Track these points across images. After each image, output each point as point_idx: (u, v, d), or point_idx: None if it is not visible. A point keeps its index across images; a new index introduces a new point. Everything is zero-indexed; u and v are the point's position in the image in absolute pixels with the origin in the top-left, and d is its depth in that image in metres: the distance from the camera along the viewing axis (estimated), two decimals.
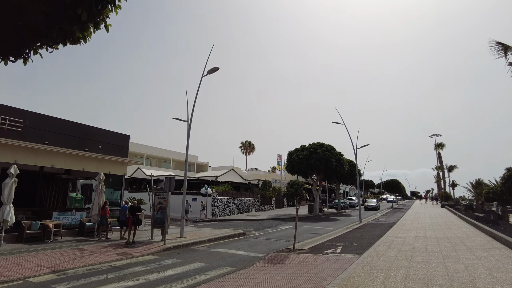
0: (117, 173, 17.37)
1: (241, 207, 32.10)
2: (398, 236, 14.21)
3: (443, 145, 55.90)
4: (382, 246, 11.21)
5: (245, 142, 79.82)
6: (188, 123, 15.78)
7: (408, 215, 29.57)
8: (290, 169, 33.04)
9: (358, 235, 15.74)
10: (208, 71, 15.50)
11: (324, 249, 11.40)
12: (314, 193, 33.89)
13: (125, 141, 18.42)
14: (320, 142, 32.59)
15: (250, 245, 13.55)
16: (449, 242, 11.57)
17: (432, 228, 17.27)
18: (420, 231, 16.02)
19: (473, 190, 41.19)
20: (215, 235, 15.55)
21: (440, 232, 15.15)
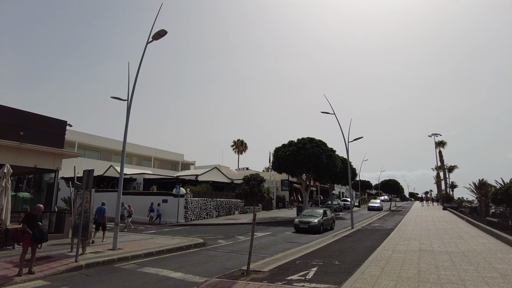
0: (47, 167, 13.93)
1: (222, 209, 28.65)
2: (396, 249, 10.82)
3: (445, 143, 52.56)
4: (374, 268, 7.81)
5: (237, 140, 76.40)
6: (128, 102, 12.38)
7: (408, 218, 26.21)
8: (276, 167, 29.60)
9: (345, 246, 12.34)
10: (153, 36, 12.11)
11: (292, 271, 8.00)
12: (303, 194, 30.51)
13: (59, 128, 15.03)
14: (309, 137, 29.19)
15: (200, 262, 10.14)
16: (468, 263, 8.18)
17: (439, 237, 13.89)
18: (424, 241, 12.64)
19: (476, 191, 37.96)
20: (163, 246, 12.13)
21: (451, 243, 11.76)
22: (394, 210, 44.21)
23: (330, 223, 20.27)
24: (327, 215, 19.86)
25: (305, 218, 18.83)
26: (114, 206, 26.50)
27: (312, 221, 18.12)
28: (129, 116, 12.32)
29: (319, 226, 18.08)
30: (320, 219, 18.51)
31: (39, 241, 7.86)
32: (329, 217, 20.23)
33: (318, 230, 17.91)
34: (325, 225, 19.01)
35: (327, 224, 19.53)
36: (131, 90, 12.40)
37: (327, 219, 19.58)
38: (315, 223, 18.06)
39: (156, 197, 25.17)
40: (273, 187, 42.00)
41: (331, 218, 20.67)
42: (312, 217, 18.98)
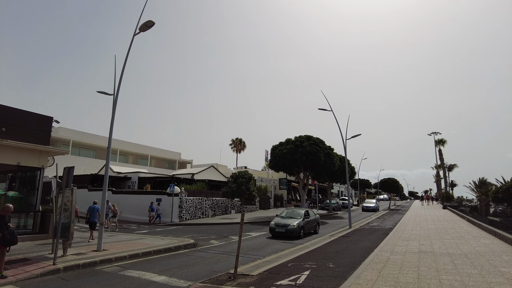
0: (31, 165, 13.38)
1: (217, 208, 28.10)
2: (395, 250, 10.29)
3: (445, 141, 51.94)
4: (370, 272, 7.27)
5: (235, 139, 75.75)
6: (114, 97, 11.81)
7: (407, 218, 25.69)
8: (273, 165, 29.10)
9: (341, 247, 11.80)
10: (141, 27, 11.54)
11: (282, 275, 7.46)
12: (300, 193, 29.99)
13: (45, 124, 14.41)
14: (307, 135, 28.66)
15: (187, 264, 9.60)
16: (472, 266, 7.65)
17: (440, 237, 13.36)
18: (424, 241, 12.11)
19: (476, 190, 37.43)
20: (151, 247, 11.59)
21: (452, 244, 11.23)
22: (393, 209, 43.73)
23: (313, 226, 17.31)
24: (309, 217, 16.97)
25: (283, 220, 15.84)
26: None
27: (291, 224, 15.19)
28: (115, 111, 11.76)
29: (299, 230, 15.18)
30: (301, 222, 15.65)
31: (8, 243, 7.29)
32: (312, 219, 17.20)
33: (298, 234, 15.07)
34: (306, 228, 16.16)
35: (309, 227, 16.69)
36: (117, 84, 11.83)
37: (309, 222, 16.71)
38: (294, 226, 15.15)
39: (150, 196, 24.62)
40: (271, 186, 41.48)
41: (315, 220, 17.58)
42: (291, 219, 16.04)
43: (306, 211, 17.17)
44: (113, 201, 26.26)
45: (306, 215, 16.75)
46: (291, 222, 15.46)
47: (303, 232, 15.68)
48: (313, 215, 17.74)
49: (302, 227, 15.56)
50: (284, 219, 16.30)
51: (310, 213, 17.53)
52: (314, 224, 17.39)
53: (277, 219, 16.56)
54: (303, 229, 15.69)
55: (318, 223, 18.10)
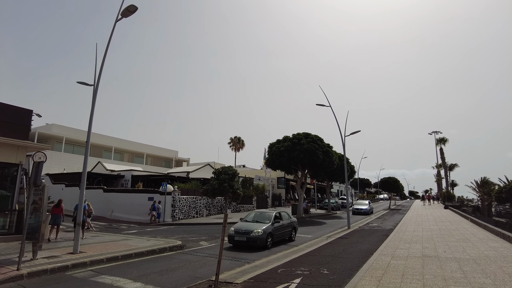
0: (7, 161, 12.50)
1: (213, 207, 27.26)
2: (396, 254, 9.44)
3: (446, 140, 50.96)
4: (368, 281, 6.43)
5: (234, 138, 74.77)
6: (94, 87, 10.95)
7: (408, 218, 24.84)
8: (270, 163, 28.22)
9: (338, 250, 10.95)
10: (122, 12, 10.69)
11: (270, 283, 6.63)
12: (298, 192, 29.16)
13: (24, 118, 13.55)
14: (305, 132, 27.77)
15: (169, 268, 8.77)
16: (483, 274, 6.80)
17: (443, 239, 12.51)
18: (427, 244, 11.26)
19: (478, 189, 36.54)
20: (133, 249, 10.76)
21: (458, 247, 10.38)
22: (394, 208, 42.87)
23: (287, 232, 13.89)
24: (281, 221, 13.53)
25: (246, 226, 12.41)
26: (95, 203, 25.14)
27: (255, 230, 11.77)
28: (95, 102, 10.88)
29: (265, 238, 11.76)
30: (268, 227, 12.25)
31: None
32: (286, 223, 13.88)
33: (263, 244, 11.73)
34: (277, 235, 12.79)
35: (281, 233, 13.25)
36: (98, 74, 10.97)
37: (281, 227, 13.28)
38: (258, 233, 11.75)
39: (141, 195, 23.80)
40: (268, 185, 40.64)
41: (289, 225, 14.20)
42: (257, 223, 12.67)
43: (277, 214, 13.67)
44: (104, 200, 25.52)
45: (277, 219, 13.35)
46: (256, 228, 11.96)
47: (271, 240, 12.28)
48: (287, 219, 14.43)
49: (269, 234, 12.13)
50: (248, 223, 12.79)
51: (283, 216, 14.20)
52: (288, 230, 14.00)
53: (239, 224, 12.99)
54: (271, 237, 12.30)
55: (294, 228, 14.63)
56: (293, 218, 15.31)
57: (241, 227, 12.36)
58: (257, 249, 11.59)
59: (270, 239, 12.19)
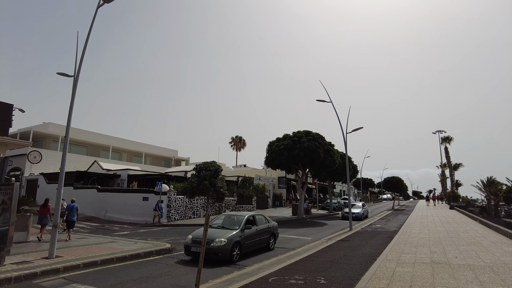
0: None
1: (211, 208, 26.43)
2: (401, 260, 8.54)
3: (451, 139, 49.73)
4: None
5: (235, 137, 74.16)
6: (74, 78, 10.15)
7: (413, 219, 23.88)
8: (269, 162, 27.34)
9: (338, 255, 10.06)
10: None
11: None
12: (298, 192, 28.28)
13: (4, 112, 12.78)
14: (306, 130, 26.88)
15: (150, 275, 7.95)
16: (503, 285, 5.90)
17: (452, 242, 11.59)
18: (435, 248, 10.35)
19: (484, 189, 35.44)
20: (116, 253, 9.94)
21: (470, 252, 9.46)
22: (398, 209, 41.83)
23: (263, 239, 11.36)
24: (254, 226, 10.93)
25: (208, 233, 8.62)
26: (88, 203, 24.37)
27: (216, 239, 9.38)
28: (75, 93, 10.07)
29: (230, 248, 9.29)
30: (235, 235, 9.79)
31: None
32: (261, 229, 11.30)
33: (228, 256, 9.23)
34: (247, 245, 10.34)
35: (254, 242, 10.78)
36: (78, 64, 10.16)
37: (254, 234, 10.78)
38: (221, 243, 9.28)
39: (136, 195, 23.01)
40: (269, 185, 39.79)
41: (267, 231, 11.63)
42: (222, 230, 10.30)
43: (250, 218, 11.15)
44: (98, 200, 24.78)
45: (250, 223, 10.86)
46: (219, 237, 9.49)
47: (240, 251, 9.78)
48: (264, 223, 11.80)
49: (236, 243, 9.66)
50: (211, 230, 9.97)
51: (259, 220, 11.61)
52: (264, 237, 11.45)
53: (201, 230, 10.17)
54: (240, 247, 9.83)
55: (273, 235, 12.06)
56: (272, 223, 12.52)
57: (201, 235, 9.33)
58: (220, 262, 9.20)
59: (237, 249, 9.65)
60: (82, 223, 21.05)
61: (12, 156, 34.89)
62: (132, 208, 22.40)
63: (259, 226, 11.31)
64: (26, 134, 34.32)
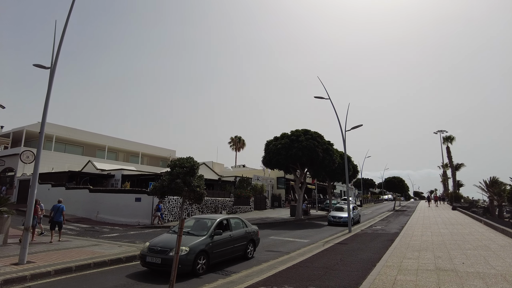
0: None
1: (206, 209, 25.74)
2: (403, 266, 7.80)
3: (453, 138, 48.87)
4: None
5: (234, 137, 73.50)
6: (50, 70, 9.44)
7: (414, 220, 23.12)
8: (267, 162, 26.62)
9: (335, 260, 9.31)
10: None
11: None
12: (297, 192, 27.53)
13: None
14: (304, 129, 26.15)
15: (126, 284, 7.25)
16: None
17: (458, 246, 10.83)
18: (439, 252, 9.60)
19: (487, 190, 34.61)
20: (96, 258, 9.22)
21: (478, 258, 8.70)
22: (399, 210, 41.03)
23: (238, 247, 9.62)
24: (227, 232, 9.37)
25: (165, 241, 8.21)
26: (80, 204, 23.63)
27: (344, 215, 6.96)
28: (52, 86, 9.37)
29: (192, 259, 7.73)
30: (200, 243, 8.15)
31: None
32: (236, 235, 9.62)
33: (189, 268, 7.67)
34: (217, 254, 8.66)
35: (226, 250, 9.06)
36: (56, 54, 9.46)
37: (227, 241, 9.12)
38: (182, 253, 7.52)
39: (129, 195, 22.29)
40: (267, 185, 39.07)
41: (243, 237, 9.91)
42: (187, 236, 8.47)
43: (223, 221, 9.58)
44: (90, 200, 24.06)
45: (221, 228, 9.29)
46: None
47: (207, 262, 8.16)
48: (241, 228, 10.12)
49: (201, 253, 8.01)
50: (173, 236, 8.18)
51: (234, 225, 9.92)
52: (240, 244, 9.73)
53: (161, 236, 8.88)
54: (207, 257, 8.20)
55: (252, 242, 10.36)
56: (252, 227, 10.74)
57: (159, 243, 8.13)
58: (180, 276, 7.44)
59: (203, 260, 8.02)
60: (72, 224, 20.37)
61: (4, 156, 34.29)
62: (124, 209, 21.69)
63: (234, 232, 9.67)
64: (19, 134, 33.66)
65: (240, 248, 9.77)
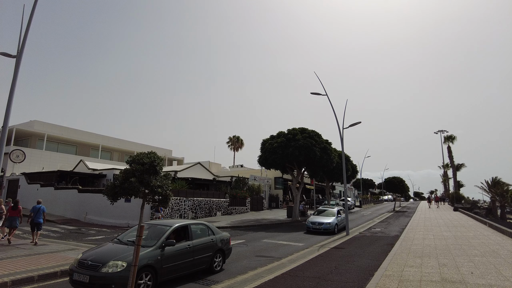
0: None
1: (200, 210, 24.88)
2: (404, 276, 6.95)
3: (454, 138, 47.98)
4: None
5: (233, 137, 72.70)
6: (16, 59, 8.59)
7: (415, 221, 22.25)
8: (263, 161, 25.75)
9: (329, 268, 8.44)
10: None
11: None
12: (293, 193, 26.65)
13: None
14: (301, 127, 25.31)
15: None
16: None
17: (463, 251, 9.97)
18: (444, 259, 8.74)
19: (489, 190, 33.76)
20: (67, 264, 8.36)
21: (487, 265, 7.84)
22: (399, 211, 40.15)
23: (201, 259, 7.93)
24: (184, 242, 7.71)
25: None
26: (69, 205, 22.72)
27: (113, 262, 6.22)
28: (17, 76, 8.52)
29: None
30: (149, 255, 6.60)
31: None
32: (199, 245, 7.97)
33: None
34: (169, 268, 6.98)
35: (183, 264, 7.38)
36: (22, 42, 8.61)
37: (184, 253, 7.45)
38: (118, 269, 6.08)
39: None
40: (265, 185, 38.22)
41: (208, 246, 8.25)
42: (131, 247, 6.64)
43: (178, 229, 7.84)
44: (79, 201, 23.22)
45: (178, 236, 7.81)
46: (117, 257, 6.35)
47: (153, 279, 6.57)
48: (205, 236, 8.45)
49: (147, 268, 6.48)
50: (114, 246, 7.11)
51: (196, 232, 8.22)
52: (204, 255, 8.02)
53: (103, 246, 7.31)
54: (154, 273, 6.60)
55: (221, 252, 8.72)
56: (221, 235, 9.04)
57: (92, 255, 6.63)
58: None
59: (148, 277, 6.47)
60: (58, 226, 19.55)
61: None
62: (113, 210, 20.81)
63: (195, 240, 7.96)
64: (9, 133, 32.78)
65: (203, 260, 8.03)
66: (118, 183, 4.59)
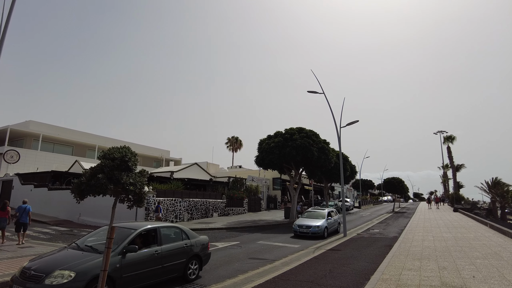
0: None
1: (196, 211, 24.48)
2: (402, 280, 6.57)
3: (453, 138, 47.67)
4: None
5: (231, 137, 72.33)
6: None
7: (415, 222, 21.86)
8: (260, 162, 25.36)
9: (323, 271, 8.05)
10: None
11: None
12: (291, 193, 26.28)
13: None
14: (299, 127, 24.94)
15: None
16: None
17: (464, 253, 9.59)
18: (444, 262, 8.36)
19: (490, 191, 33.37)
20: None
21: (489, 268, 7.46)
22: (398, 211, 39.74)
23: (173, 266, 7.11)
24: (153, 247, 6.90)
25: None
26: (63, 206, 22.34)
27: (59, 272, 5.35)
28: None
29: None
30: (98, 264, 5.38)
31: None
32: (167, 251, 7.08)
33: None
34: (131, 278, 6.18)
35: (150, 272, 6.58)
36: (2, 31, 8.24)
37: (150, 260, 6.64)
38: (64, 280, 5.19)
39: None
40: (262, 186, 37.81)
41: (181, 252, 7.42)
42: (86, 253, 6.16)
43: (144, 233, 6.98)
44: (72, 202, 22.76)
45: (145, 241, 6.98)
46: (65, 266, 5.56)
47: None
48: (178, 240, 7.64)
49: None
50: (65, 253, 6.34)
51: (165, 236, 7.36)
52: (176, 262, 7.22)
53: (56, 253, 6.42)
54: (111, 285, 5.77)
55: (197, 258, 7.88)
56: (197, 239, 8.18)
57: (37, 263, 5.83)
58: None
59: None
60: (50, 227, 19.17)
61: None
62: (106, 211, 20.22)
63: (165, 246, 7.09)
64: (3, 133, 32.38)
65: (175, 267, 7.16)
66: (84, 180, 4.20)
